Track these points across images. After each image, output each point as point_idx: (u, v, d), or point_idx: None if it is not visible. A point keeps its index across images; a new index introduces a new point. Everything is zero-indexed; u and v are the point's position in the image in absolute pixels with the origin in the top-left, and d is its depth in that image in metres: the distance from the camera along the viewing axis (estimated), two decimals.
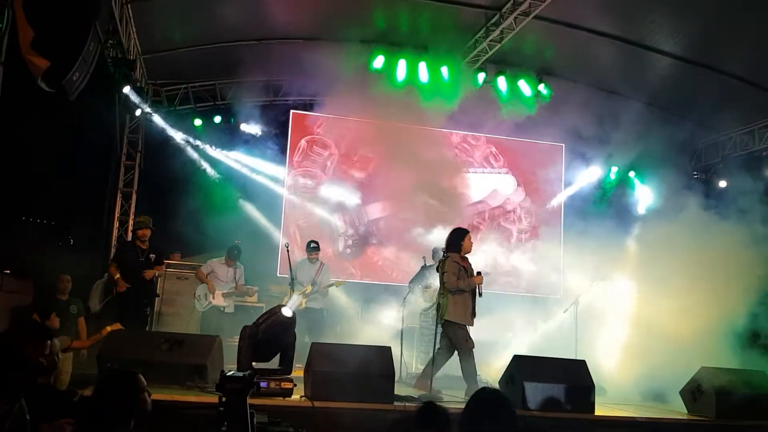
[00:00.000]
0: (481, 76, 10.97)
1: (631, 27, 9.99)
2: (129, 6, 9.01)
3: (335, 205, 11.74)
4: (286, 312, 6.06)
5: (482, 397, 2.91)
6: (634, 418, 6.36)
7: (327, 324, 9.78)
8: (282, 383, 5.82)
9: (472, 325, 7.23)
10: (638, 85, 10.91)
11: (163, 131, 11.18)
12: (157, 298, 9.04)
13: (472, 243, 7.44)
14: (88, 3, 7.00)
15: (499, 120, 11.64)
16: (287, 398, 5.79)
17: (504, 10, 9.51)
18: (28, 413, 3.21)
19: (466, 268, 7.29)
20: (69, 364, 7.21)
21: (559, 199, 12.50)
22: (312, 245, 9.52)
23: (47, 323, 6.65)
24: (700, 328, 8.35)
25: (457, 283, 7.11)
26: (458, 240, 7.36)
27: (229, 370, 3.13)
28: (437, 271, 7.58)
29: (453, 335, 7.15)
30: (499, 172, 12.51)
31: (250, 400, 5.37)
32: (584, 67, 11.11)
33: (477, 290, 7.20)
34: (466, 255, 7.40)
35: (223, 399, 2.93)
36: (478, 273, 7.23)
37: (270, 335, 6.11)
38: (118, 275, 8.10)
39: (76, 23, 6.89)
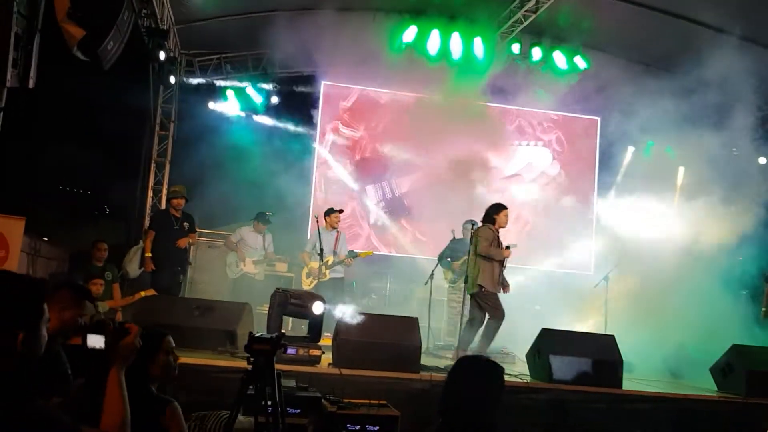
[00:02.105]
0: (516, 47, 10.82)
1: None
2: None
3: (368, 177, 11.76)
4: (317, 309, 6.09)
5: (467, 364, 2.86)
6: (662, 394, 6.32)
7: (356, 295, 9.84)
8: (310, 350, 5.90)
9: (499, 292, 7.47)
10: (678, 59, 10.62)
11: (196, 101, 11.27)
12: (189, 266, 9.18)
13: (507, 219, 7.65)
14: None
15: (534, 92, 11.49)
16: (315, 365, 5.87)
17: None
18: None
19: (499, 240, 7.54)
20: None
21: (594, 172, 12.34)
22: (336, 211, 9.19)
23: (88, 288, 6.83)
24: (732, 306, 8.26)
25: (488, 250, 7.34)
26: (494, 213, 7.59)
27: (258, 333, 3.17)
28: (471, 241, 7.67)
29: (484, 301, 7.35)
30: (535, 145, 12.38)
31: (278, 366, 5.50)
32: (622, 40, 10.86)
33: (503, 262, 7.48)
34: (500, 229, 7.58)
35: (251, 359, 2.98)
36: (507, 247, 7.47)
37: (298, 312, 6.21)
38: (149, 254, 8.24)
39: None
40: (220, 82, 11.49)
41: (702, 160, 11.24)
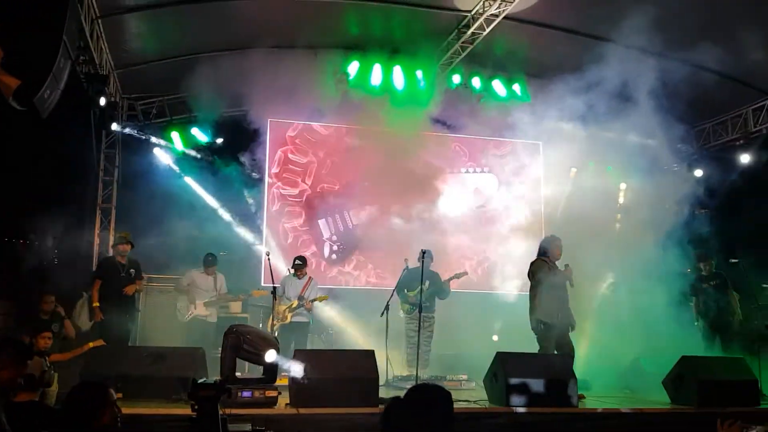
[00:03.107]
0: (456, 78, 11.06)
1: (599, 23, 10.07)
2: (99, 21, 9.00)
3: (319, 210, 11.75)
4: (269, 358, 6.05)
5: (417, 392, 2.89)
6: (617, 410, 6.42)
7: (313, 331, 9.77)
8: (266, 392, 5.84)
9: (560, 322, 7.39)
10: (612, 81, 10.97)
11: (140, 145, 11.15)
12: (138, 313, 9.00)
13: (560, 249, 7.70)
14: (55, 20, 6.98)
15: (477, 120, 11.71)
16: (272, 407, 5.80)
17: (474, 12, 9.58)
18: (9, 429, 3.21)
19: (554, 268, 7.56)
20: (55, 383, 7.17)
21: (540, 195, 12.59)
22: (296, 262, 9.37)
23: (37, 343, 6.65)
24: (681, 319, 8.47)
25: (548, 279, 7.38)
26: (546, 246, 7.73)
27: (202, 379, 3.13)
28: (531, 274, 7.67)
29: (542, 336, 7.34)
30: (482, 171, 12.57)
31: (234, 411, 5.41)
32: (558, 65, 11.17)
33: (570, 282, 7.51)
34: (555, 261, 7.64)
35: (196, 407, 2.94)
36: (566, 265, 7.57)
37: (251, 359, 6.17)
38: (96, 303, 8.10)
39: (45, 40, 6.88)
40: (164, 125, 11.37)
41: (642, 176, 11.61)
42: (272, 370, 6.20)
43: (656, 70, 10.37)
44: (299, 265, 9.33)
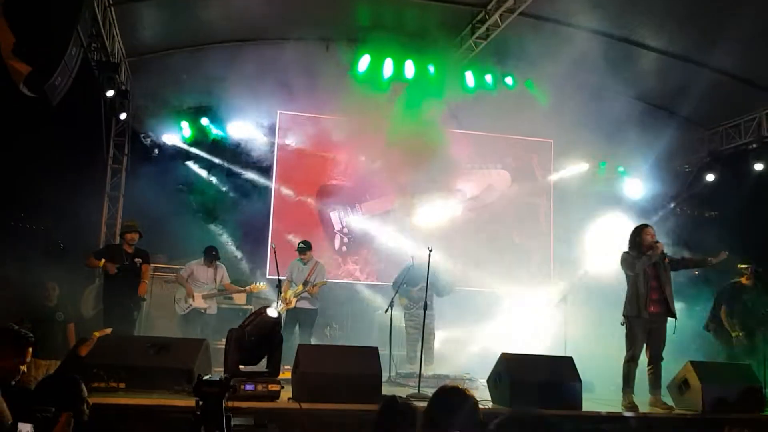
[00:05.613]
0: (469, 73, 11.01)
1: (617, 23, 9.99)
2: (112, 8, 8.97)
3: (330, 203, 11.74)
4: (272, 312, 6.01)
5: (442, 393, 2.95)
6: (621, 413, 6.39)
7: (319, 324, 9.74)
8: (269, 385, 5.82)
9: (645, 317, 6.82)
10: (626, 81, 10.91)
11: (150, 133, 11.15)
12: (144, 302, 8.98)
13: (650, 235, 7.01)
14: (69, 7, 6.96)
15: (489, 117, 11.65)
16: (274, 401, 5.80)
17: (489, 7, 9.51)
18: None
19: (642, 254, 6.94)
20: (42, 372, 7.12)
21: (550, 194, 12.54)
22: (300, 246, 9.33)
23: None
24: (688, 321, 8.40)
25: (636, 265, 6.86)
26: (636, 237, 7.11)
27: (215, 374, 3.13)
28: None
29: (626, 330, 6.98)
30: (495, 168, 12.52)
31: (237, 403, 5.40)
32: (572, 64, 11.09)
33: (662, 264, 6.93)
34: (649, 248, 6.93)
35: (200, 403, 2.93)
36: (656, 241, 6.94)
37: (257, 337, 6.10)
38: (103, 261, 8.15)
39: (58, 28, 6.86)
40: (174, 114, 11.35)
41: (654, 177, 11.53)
42: (275, 363, 6.18)
43: (673, 72, 10.30)
44: (303, 248, 9.24)
